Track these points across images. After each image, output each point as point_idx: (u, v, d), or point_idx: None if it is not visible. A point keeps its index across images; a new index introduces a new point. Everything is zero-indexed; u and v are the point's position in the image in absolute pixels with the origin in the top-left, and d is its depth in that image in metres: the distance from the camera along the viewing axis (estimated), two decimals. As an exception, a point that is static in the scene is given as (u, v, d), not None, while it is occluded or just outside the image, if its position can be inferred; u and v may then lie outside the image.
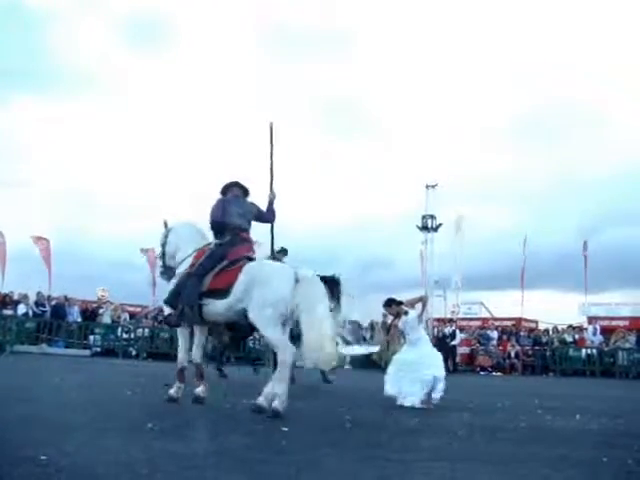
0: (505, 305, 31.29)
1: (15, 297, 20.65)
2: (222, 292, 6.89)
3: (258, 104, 46.77)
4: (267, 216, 8.17)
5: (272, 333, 6.66)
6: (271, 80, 46.98)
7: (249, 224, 7.69)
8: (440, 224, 28.47)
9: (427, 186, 28.48)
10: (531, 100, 44.69)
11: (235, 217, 7.49)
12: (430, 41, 47.84)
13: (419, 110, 47.36)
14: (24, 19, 42.66)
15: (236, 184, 7.90)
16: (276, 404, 6.32)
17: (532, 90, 45.49)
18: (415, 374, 8.52)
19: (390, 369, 8.93)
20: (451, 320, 24.85)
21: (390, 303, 9.49)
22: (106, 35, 45.57)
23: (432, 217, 28.54)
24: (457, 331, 22.81)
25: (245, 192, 7.91)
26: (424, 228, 28.64)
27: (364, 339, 9.31)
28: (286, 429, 5.57)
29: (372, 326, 22.73)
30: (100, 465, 3.89)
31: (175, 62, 48.03)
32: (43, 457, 3.90)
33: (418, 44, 46.67)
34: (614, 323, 25.26)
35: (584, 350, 21.98)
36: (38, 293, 21.34)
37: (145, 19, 45.47)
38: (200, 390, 7.40)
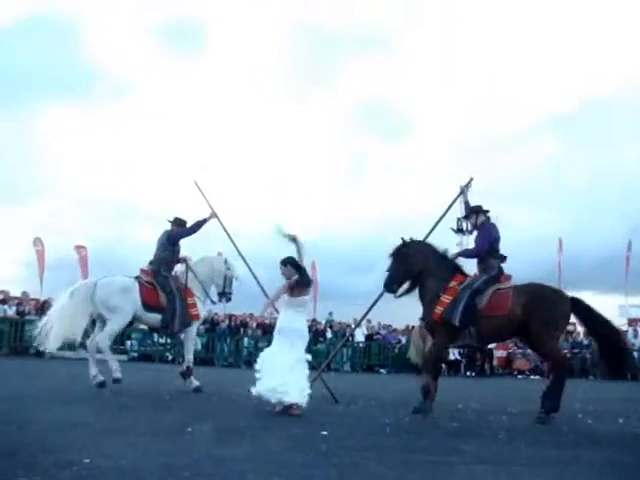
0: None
1: (54, 303, 20.95)
2: None
3: (293, 105, 47.05)
4: (182, 233, 9.89)
5: None
6: (306, 81, 47.06)
7: (158, 254, 9.75)
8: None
9: (460, 188, 28.24)
10: (572, 95, 44.18)
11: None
12: (465, 41, 47.43)
13: (453, 110, 47.00)
14: (59, 28, 43.37)
15: (173, 221, 9.91)
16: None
17: (573, 85, 44.92)
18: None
19: None
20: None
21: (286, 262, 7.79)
22: (140, 42, 46.09)
23: (467, 219, 28.28)
24: (494, 334, 22.54)
25: (180, 224, 9.88)
26: (459, 230, 28.39)
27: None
28: (325, 433, 5.55)
29: (407, 329, 22.63)
30: (142, 468, 3.92)
31: (211, 67, 48.27)
32: (86, 460, 3.96)
33: (453, 44, 46.35)
34: (656, 325, 24.73)
35: (625, 353, 21.59)
36: (76, 299, 21.59)
37: (179, 25, 45.84)
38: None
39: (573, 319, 8.23)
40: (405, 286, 8.44)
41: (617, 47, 44.35)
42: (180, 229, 9.88)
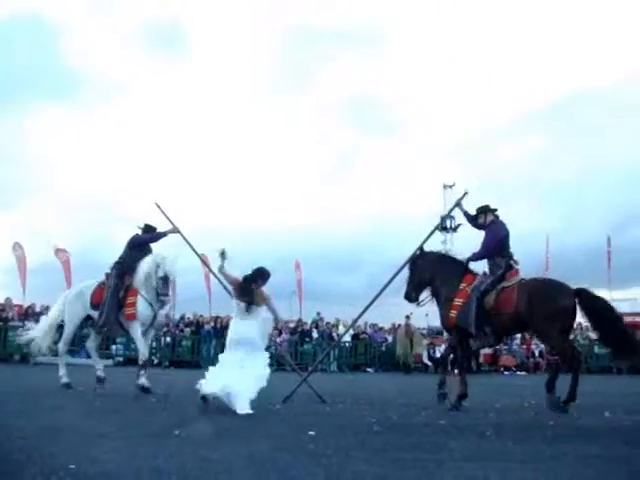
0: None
1: (37, 309, 20.74)
2: None
3: (279, 103, 47.05)
4: (142, 239, 10.17)
5: None
6: (295, 78, 47.15)
7: (119, 256, 10.12)
8: (459, 224, 28.24)
9: (445, 186, 28.35)
10: (559, 92, 44.64)
11: None
12: (452, 42, 47.83)
13: (443, 107, 47.29)
14: (44, 30, 43.18)
15: (143, 227, 10.22)
16: None
17: (560, 83, 45.41)
18: None
19: None
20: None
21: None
22: (126, 45, 45.99)
23: (451, 217, 28.36)
24: (479, 331, 22.59)
25: (148, 230, 10.19)
26: (443, 229, 28.46)
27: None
28: (313, 433, 5.53)
29: (393, 328, 22.68)
30: (130, 472, 3.88)
31: (197, 67, 48.26)
32: (72, 466, 3.91)
33: (442, 40, 46.74)
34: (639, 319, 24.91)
35: (610, 347, 21.69)
36: (60, 304, 21.38)
37: (163, 26, 45.67)
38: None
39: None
40: (424, 294, 8.99)
41: (604, 45, 44.85)
42: (142, 235, 10.20)
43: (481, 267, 8.77)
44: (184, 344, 20.32)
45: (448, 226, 29.15)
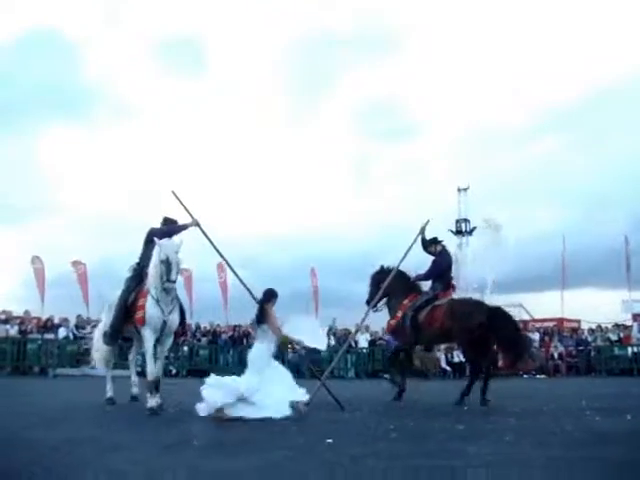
0: (545, 306, 30.75)
1: (56, 321, 20.90)
2: None
3: (295, 113, 47.16)
4: (158, 232, 9.00)
5: None
6: (310, 84, 47.28)
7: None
8: (474, 227, 28.22)
9: (459, 189, 28.31)
10: (576, 91, 44.41)
11: None
12: (462, 45, 47.78)
13: (458, 110, 47.20)
14: (59, 48, 43.60)
15: (162, 221, 9.41)
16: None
17: (577, 82, 45.17)
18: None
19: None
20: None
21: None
22: (140, 63, 46.33)
23: (466, 221, 28.34)
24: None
25: (167, 223, 9.35)
26: (458, 232, 28.44)
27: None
28: (330, 440, 5.50)
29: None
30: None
31: (213, 79, 48.49)
32: (90, 478, 3.91)
33: (451, 48, 46.72)
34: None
35: (630, 348, 21.46)
36: (78, 316, 21.52)
37: (179, 45, 45.95)
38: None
39: (578, 316, 9.07)
40: (381, 303, 10.78)
41: (618, 43, 44.56)
42: (159, 227, 9.21)
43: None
44: (202, 353, 20.38)
45: (463, 230, 29.30)
